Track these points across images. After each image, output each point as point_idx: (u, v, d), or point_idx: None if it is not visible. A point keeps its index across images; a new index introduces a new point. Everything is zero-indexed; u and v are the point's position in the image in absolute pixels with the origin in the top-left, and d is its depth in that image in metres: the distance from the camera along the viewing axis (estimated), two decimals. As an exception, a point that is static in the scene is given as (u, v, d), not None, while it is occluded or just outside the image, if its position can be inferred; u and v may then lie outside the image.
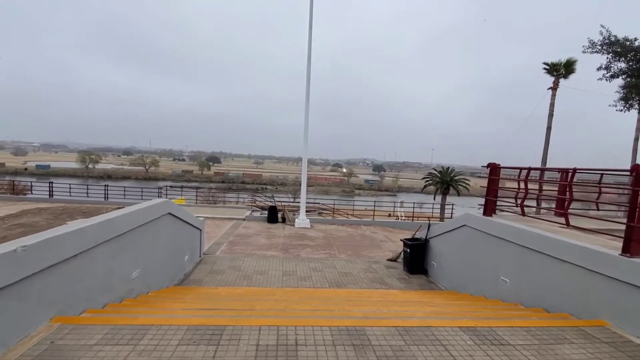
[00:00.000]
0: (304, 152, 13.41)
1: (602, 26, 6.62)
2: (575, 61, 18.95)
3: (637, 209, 3.36)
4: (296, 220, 13.23)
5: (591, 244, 3.95)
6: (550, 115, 19.33)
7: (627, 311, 3.27)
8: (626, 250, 3.39)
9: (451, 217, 19.61)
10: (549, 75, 19.84)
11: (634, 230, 3.35)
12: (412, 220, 16.99)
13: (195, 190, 18.76)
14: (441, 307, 4.36)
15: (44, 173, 76.43)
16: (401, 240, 8.23)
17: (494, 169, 5.88)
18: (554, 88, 19.39)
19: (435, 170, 31.15)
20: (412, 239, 8.06)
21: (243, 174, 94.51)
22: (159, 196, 17.30)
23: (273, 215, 13.61)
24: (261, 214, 15.09)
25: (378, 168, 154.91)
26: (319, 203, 19.22)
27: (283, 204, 15.32)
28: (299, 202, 14.46)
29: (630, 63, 6.52)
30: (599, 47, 6.73)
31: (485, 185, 6.03)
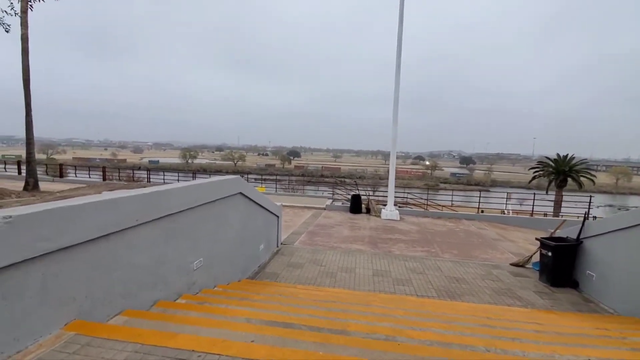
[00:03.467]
0: (392, 141, 11.86)
1: None
2: None
3: None
4: (383, 210, 11.65)
5: None
6: None
7: None
8: None
9: (565, 216, 15.63)
10: None
11: None
12: (532, 216, 13.86)
13: (275, 181, 18.48)
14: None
15: (154, 167, 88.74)
16: (537, 239, 6.06)
17: None
18: None
19: (549, 159, 25.91)
20: (556, 239, 5.85)
21: (322, 167, 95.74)
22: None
23: (357, 205, 12.25)
24: (342, 203, 13.88)
25: (466, 160, 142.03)
26: (406, 197, 17.24)
27: (367, 193, 13.86)
28: (381, 195, 12.89)
29: None
30: None
31: None
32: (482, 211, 13.34)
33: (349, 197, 13.15)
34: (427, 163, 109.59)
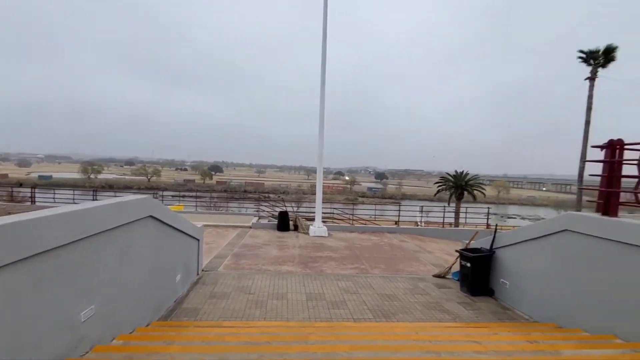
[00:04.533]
0: (318, 157, 11.80)
1: None
2: (615, 47, 17.19)
3: None
4: (311, 227, 11.43)
5: None
6: (589, 109, 17.51)
7: None
8: None
9: (463, 224, 17.72)
10: (585, 64, 18.07)
11: None
12: (443, 227, 15.11)
13: (194, 198, 17.00)
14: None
15: (46, 184, 75.17)
16: (457, 251, 6.41)
17: (616, 149, 4.10)
18: (592, 78, 17.59)
19: (449, 174, 29.27)
20: (472, 250, 6.25)
21: (245, 182, 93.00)
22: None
23: (284, 222, 11.81)
24: (269, 220, 13.30)
25: (380, 176, 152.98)
26: (332, 212, 17.40)
27: (295, 210, 13.54)
28: (306, 210, 12.76)
29: None
30: None
31: (602, 173, 4.24)
32: (396, 223, 14.08)
33: (276, 214, 12.65)
34: (347, 178, 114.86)
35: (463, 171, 27.93)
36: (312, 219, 12.41)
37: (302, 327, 3.98)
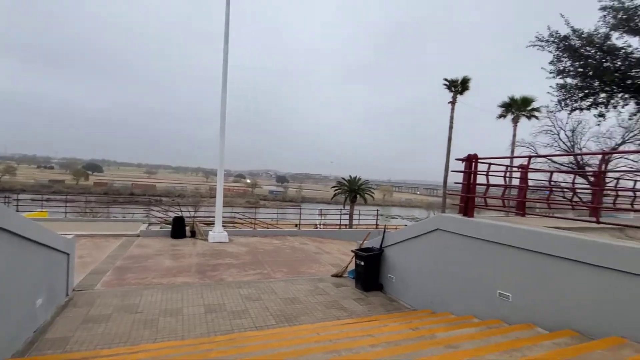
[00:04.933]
0: (220, 158, 11.23)
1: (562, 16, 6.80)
2: (469, 79, 21.45)
3: None
4: (210, 233, 10.79)
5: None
6: (451, 127, 21.26)
7: None
8: None
9: (357, 225, 19.50)
10: (448, 90, 21.92)
11: None
12: (339, 228, 16.08)
13: (64, 202, 14.18)
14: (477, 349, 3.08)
15: None
16: (352, 251, 6.91)
17: (471, 162, 5.04)
18: (453, 102, 21.40)
19: (344, 179, 31.59)
20: (365, 249, 6.83)
21: (132, 184, 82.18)
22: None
23: (180, 229, 10.86)
24: (161, 227, 12.06)
25: (281, 179, 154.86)
26: (233, 215, 16.81)
27: (192, 215, 12.58)
28: (205, 214, 12.07)
29: (578, 60, 6.78)
30: (548, 42, 6.85)
31: (462, 181, 5.15)
32: (297, 226, 14.53)
33: (170, 219, 11.56)
34: (248, 181, 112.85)
35: (356, 176, 30.50)
36: (212, 224, 11.76)
37: (200, 344, 3.72)
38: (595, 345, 3.06)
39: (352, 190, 29.20)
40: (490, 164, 5.31)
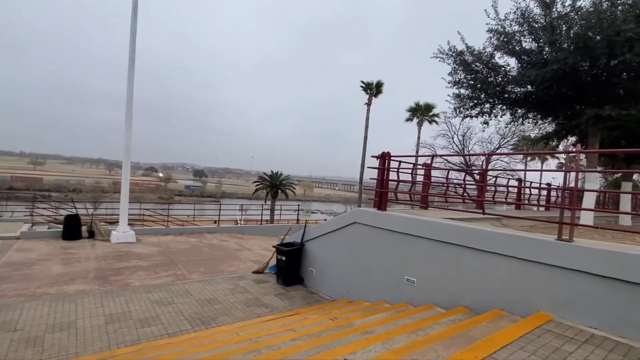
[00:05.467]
0: (125, 149, 10.00)
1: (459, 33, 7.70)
2: (382, 83, 23.21)
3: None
4: (113, 233, 9.60)
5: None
6: (367, 127, 22.70)
7: (571, 300, 3.15)
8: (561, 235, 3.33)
9: (278, 220, 19.63)
10: (364, 92, 23.34)
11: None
12: (261, 224, 15.79)
13: None
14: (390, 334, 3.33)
15: None
16: (274, 246, 6.88)
17: (385, 159, 5.45)
18: (368, 104, 22.85)
19: (266, 174, 31.35)
20: (286, 244, 6.86)
21: (11, 177, 68.07)
22: None
23: (74, 229, 9.39)
24: (49, 227, 10.29)
25: (199, 173, 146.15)
26: (141, 212, 15.22)
27: (91, 213, 10.99)
28: (109, 213, 10.73)
29: (470, 74, 7.81)
30: (447, 55, 7.73)
31: (377, 177, 5.53)
32: (216, 222, 13.90)
33: (62, 218, 9.92)
34: (161, 175, 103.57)
35: (278, 172, 30.49)
36: (116, 223, 10.48)
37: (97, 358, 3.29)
38: (481, 318, 3.59)
39: (274, 186, 29.10)
40: (400, 161, 5.79)
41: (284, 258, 6.55)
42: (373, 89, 23.81)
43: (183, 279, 6.69)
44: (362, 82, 23.95)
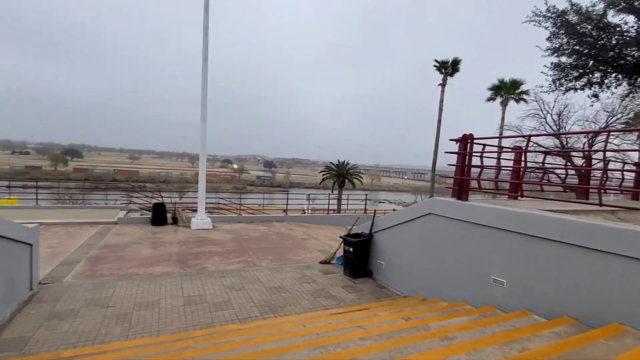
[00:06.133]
0: (201, 142, 10.66)
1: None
2: (460, 61, 21.08)
3: None
4: (193, 220, 10.38)
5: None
6: (440, 110, 20.99)
7: None
8: None
9: (345, 210, 19.29)
10: (438, 72, 21.53)
11: None
12: (328, 213, 15.84)
13: (35, 188, 13.38)
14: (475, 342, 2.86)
15: None
16: (340, 237, 6.66)
17: (466, 142, 4.78)
18: (443, 84, 21.05)
19: (332, 164, 31.29)
20: (353, 235, 6.58)
21: (114, 170, 79.90)
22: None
23: (160, 216, 10.39)
24: (142, 214, 11.56)
25: (269, 164, 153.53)
26: (217, 201, 16.33)
27: (174, 201, 12.08)
28: (190, 201, 11.63)
29: (574, 38, 6.51)
30: (545, 17, 6.55)
31: (456, 162, 4.90)
32: (285, 211, 14.19)
33: (150, 206, 11.06)
34: (235, 166, 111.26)
35: (344, 161, 30.21)
36: (195, 210, 11.33)
37: (176, 341, 3.41)
38: (597, 334, 2.89)
39: (340, 175, 28.98)
40: (484, 145, 5.06)
41: (351, 249, 6.29)
42: (448, 68, 21.83)
43: (253, 265, 6.87)
44: (436, 61, 22.12)
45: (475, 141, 4.83)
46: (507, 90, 21.73)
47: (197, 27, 10.93)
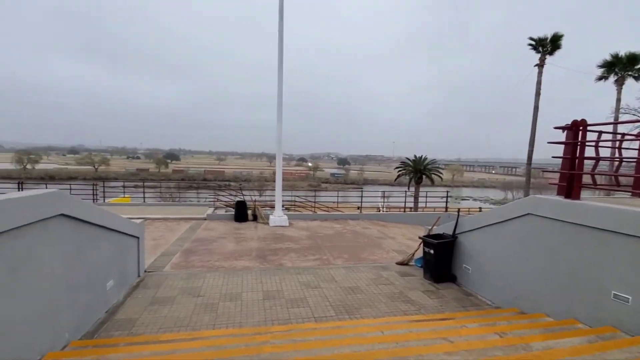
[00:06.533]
0: (277, 142, 11.09)
1: None
2: (561, 36, 18.13)
3: None
4: (271, 217, 10.88)
5: None
6: (538, 95, 18.36)
7: None
8: None
9: (423, 208, 18.07)
10: (534, 51, 18.86)
11: None
12: (404, 211, 15.23)
13: (142, 187, 15.56)
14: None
15: (-31, 175, 66.77)
16: (420, 238, 6.23)
17: (577, 130, 3.99)
18: (540, 65, 18.38)
19: (409, 159, 29.87)
20: (434, 236, 6.10)
21: (204, 171, 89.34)
22: (94, 195, 14.00)
23: (242, 213, 11.14)
24: (226, 211, 12.54)
25: (343, 161, 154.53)
26: (293, 199, 16.91)
27: (254, 199, 12.86)
28: (269, 198, 12.21)
29: None
30: None
31: (564, 154, 4.14)
32: (359, 209, 13.94)
33: (233, 203, 11.94)
34: (310, 164, 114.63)
35: (422, 156, 28.57)
36: (273, 207, 11.87)
37: (257, 335, 3.51)
38: None
39: (418, 171, 27.47)
40: (600, 131, 4.18)
41: (432, 251, 5.83)
42: (547, 46, 18.82)
43: (328, 263, 6.86)
44: (532, 38, 19.26)
45: (588, 128, 4.01)
46: (623, 67, 18.04)
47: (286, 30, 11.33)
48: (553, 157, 4.30)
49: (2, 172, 73.78)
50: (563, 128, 4.18)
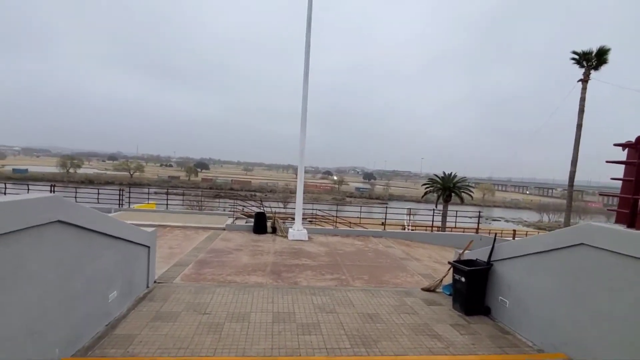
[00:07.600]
0: (300, 154, 10.85)
1: None
2: (608, 50, 16.88)
3: None
4: (290, 230, 10.53)
5: None
6: (581, 112, 17.08)
7: None
8: None
9: (452, 227, 17.02)
10: (578, 66, 17.68)
11: None
12: (431, 230, 14.40)
13: (166, 194, 15.77)
14: None
15: (21, 177, 72.02)
16: (449, 263, 5.63)
17: (647, 148, 3.37)
18: (585, 80, 17.16)
19: (437, 176, 28.76)
20: (466, 262, 5.48)
21: (232, 180, 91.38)
22: (120, 200, 14.28)
23: (261, 224, 10.87)
24: (246, 222, 12.35)
25: (368, 176, 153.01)
26: (314, 212, 16.52)
27: (274, 210, 12.60)
28: (291, 210, 11.91)
29: None
30: None
31: (624, 176, 3.51)
32: (383, 224, 13.29)
33: (253, 214, 11.72)
34: (335, 178, 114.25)
35: (451, 173, 27.43)
36: (293, 219, 11.55)
37: (257, 368, 3.11)
38: None
39: (446, 188, 26.33)
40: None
41: (463, 279, 5.21)
42: (592, 60, 17.65)
43: (346, 284, 6.36)
44: (575, 52, 18.13)
45: (658, 145, 3.38)
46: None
47: (317, 47, 11.20)
48: (612, 178, 3.67)
49: (48, 175, 79.05)
50: (624, 145, 3.57)
